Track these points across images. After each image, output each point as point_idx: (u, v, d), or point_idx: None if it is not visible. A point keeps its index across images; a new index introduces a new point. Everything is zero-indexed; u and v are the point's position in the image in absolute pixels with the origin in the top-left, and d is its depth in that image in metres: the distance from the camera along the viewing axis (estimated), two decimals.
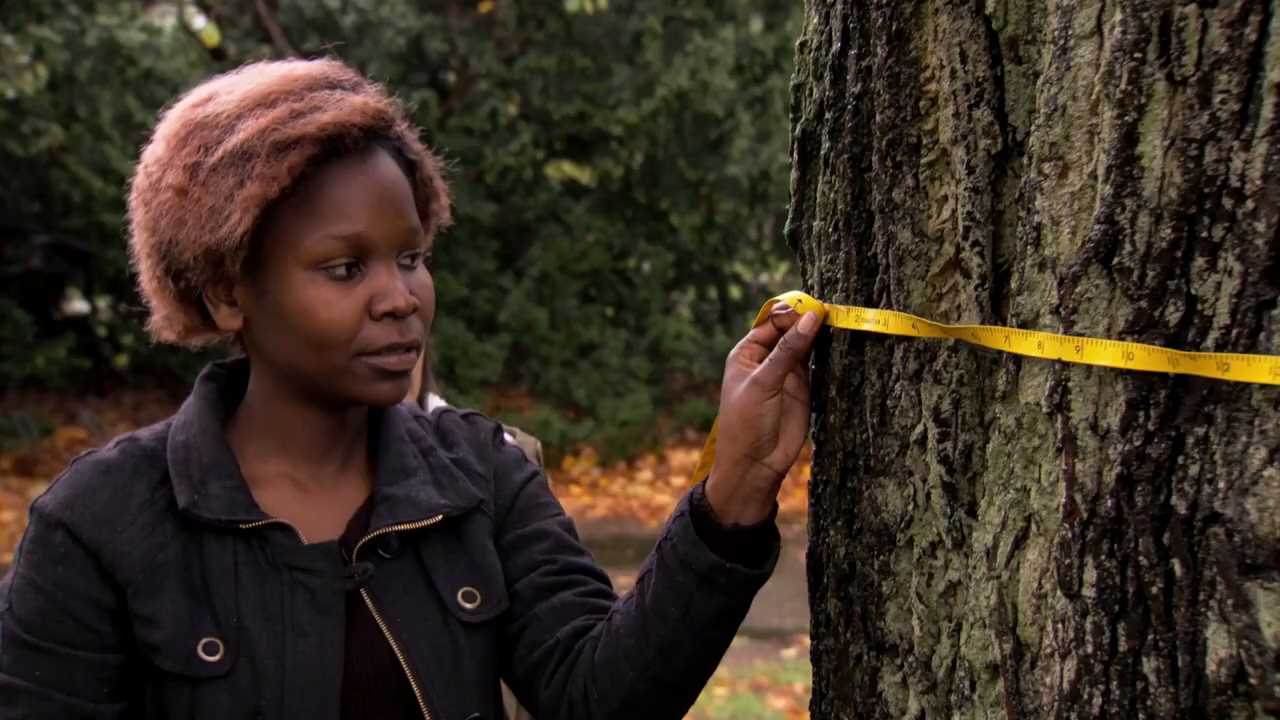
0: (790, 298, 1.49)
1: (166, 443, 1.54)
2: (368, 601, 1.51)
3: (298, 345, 1.48)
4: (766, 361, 1.46)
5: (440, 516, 1.56)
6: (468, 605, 1.56)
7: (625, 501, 11.94)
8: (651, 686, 1.51)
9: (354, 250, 1.46)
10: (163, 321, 1.55)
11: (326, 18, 12.74)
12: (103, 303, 15.63)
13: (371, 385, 1.49)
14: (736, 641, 1.49)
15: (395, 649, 1.50)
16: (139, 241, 1.53)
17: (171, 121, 1.50)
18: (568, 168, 15.08)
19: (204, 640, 1.44)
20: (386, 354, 1.47)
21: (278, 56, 1.56)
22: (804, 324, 1.46)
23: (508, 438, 2.91)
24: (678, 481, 12.43)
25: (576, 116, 12.68)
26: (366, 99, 1.49)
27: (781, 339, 1.47)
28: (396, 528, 1.53)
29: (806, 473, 1.56)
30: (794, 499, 11.53)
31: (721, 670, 7.51)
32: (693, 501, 1.49)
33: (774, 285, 15.95)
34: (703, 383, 14.17)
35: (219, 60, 12.88)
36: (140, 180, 1.51)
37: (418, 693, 1.49)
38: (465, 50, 13.08)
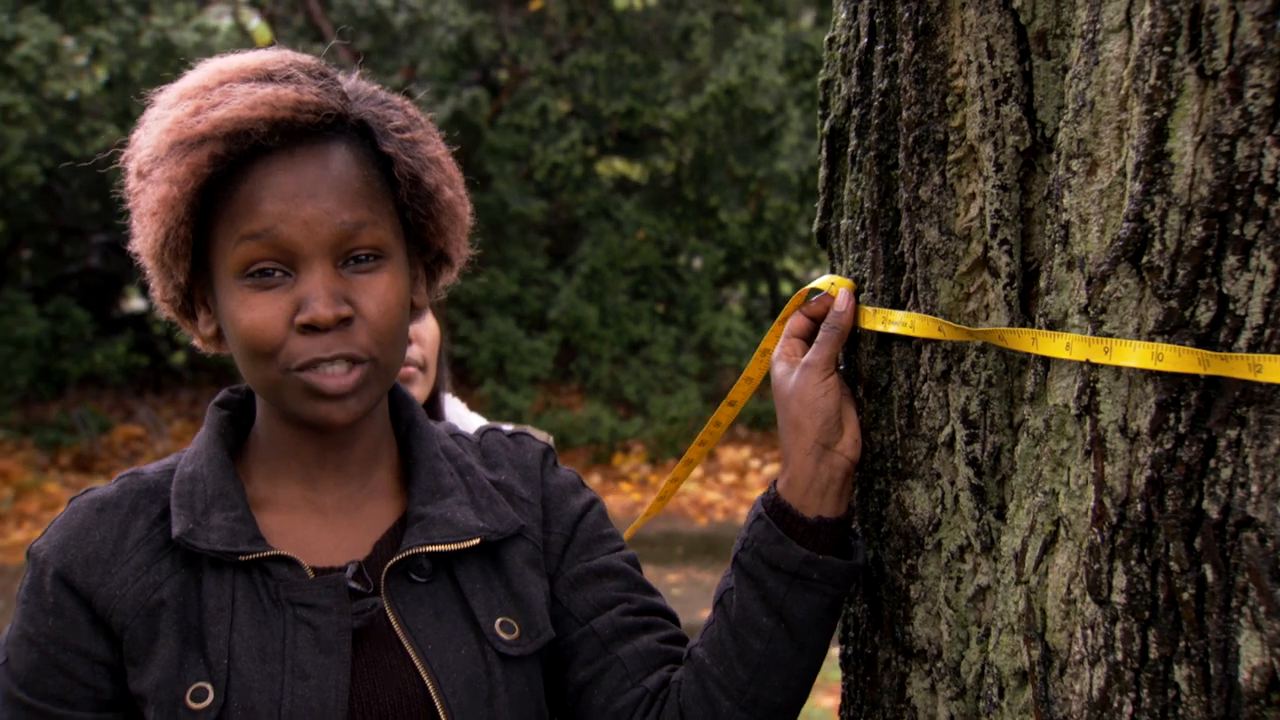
0: (824, 281, 1.47)
1: (173, 475, 1.45)
2: (396, 627, 1.41)
3: (239, 359, 1.40)
4: (815, 345, 1.43)
5: (477, 540, 1.45)
6: (506, 636, 1.44)
7: (675, 499, 11.91)
8: (753, 712, 1.42)
9: (273, 251, 1.35)
10: (188, 331, 1.50)
11: (378, 16, 12.79)
12: None
13: (309, 405, 1.37)
14: None
15: (425, 678, 1.39)
16: None
17: None
18: (619, 164, 15.08)
19: (193, 687, 1.34)
20: (315, 371, 1.36)
21: (330, 56, 1.50)
22: (841, 301, 1.44)
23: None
24: (727, 478, 12.40)
25: (626, 113, 12.67)
26: (280, 90, 1.34)
27: (825, 321, 1.44)
28: (429, 548, 1.43)
29: None
30: None
31: None
32: (766, 504, 1.43)
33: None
34: None
35: None
36: None
37: None
38: (516, 48, 13.09)
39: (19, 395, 13.54)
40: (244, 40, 12.88)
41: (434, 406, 2.72)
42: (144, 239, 1.41)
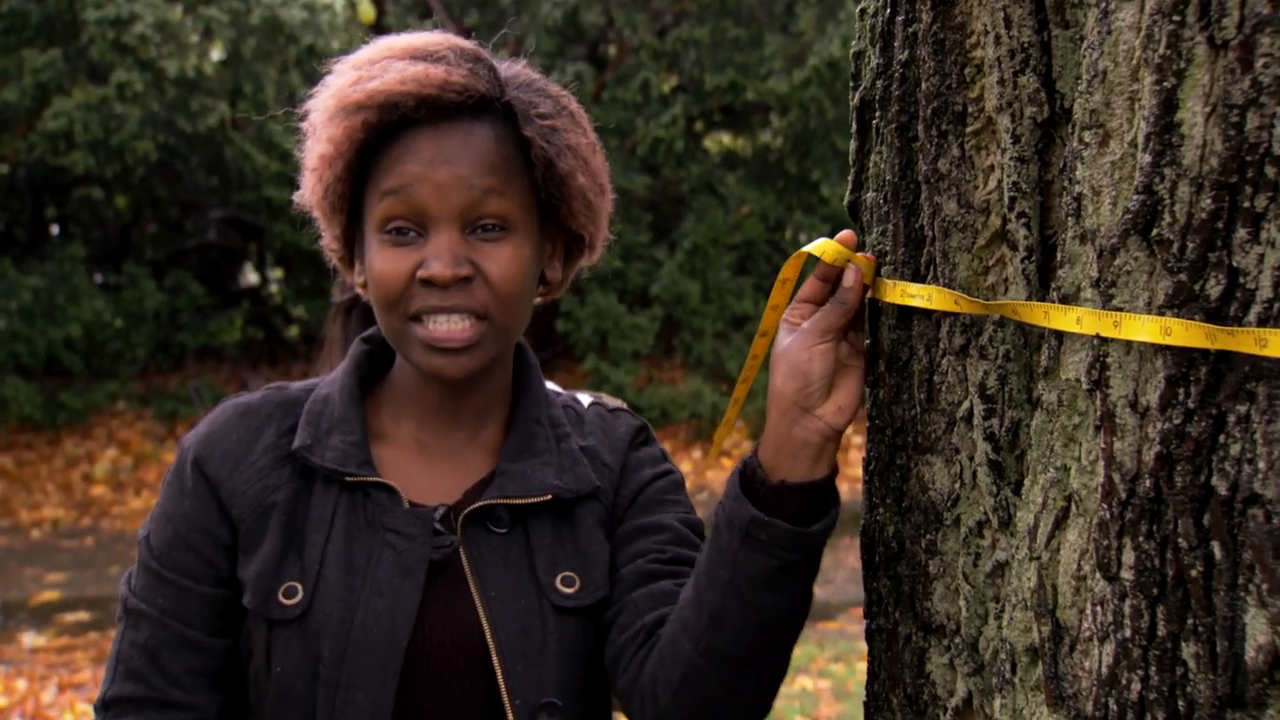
0: (816, 247, 1.44)
1: (311, 395, 1.63)
2: (467, 571, 1.53)
3: (374, 306, 1.56)
4: (819, 312, 1.43)
5: (549, 496, 1.57)
6: (565, 589, 1.55)
7: None
8: (708, 659, 1.45)
9: (407, 209, 1.49)
10: (349, 278, 1.66)
11: None
12: (275, 275, 16.15)
13: (425, 356, 1.52)
14: None
15: (484, 621, 1.51)
16: None
17: None
18: (726, 139, 15.03)
19: (286, 584, 1.51)
20: (429, 321, 1.50)
21: (438, 31, 1.60)
22: (849, 277, 1.43)
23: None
24: None
25: (728, 87, 12.61)
26: (430, 69, 1.49)
27: (835, 294, 1.43)
28: (505, 501, 1.56)
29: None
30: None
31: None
32: (745, 460, 1.46)
33: None
34: None
35: (381, 36, 13.14)
36: None
37: (497, 668, 1.50)
38: (621, 22, 13.11)
39: (139, 367, 13.95)
40: (353, 17, 13.08)
41: None
42: (308, 191, 1.59)
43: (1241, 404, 1.08)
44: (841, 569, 8.68)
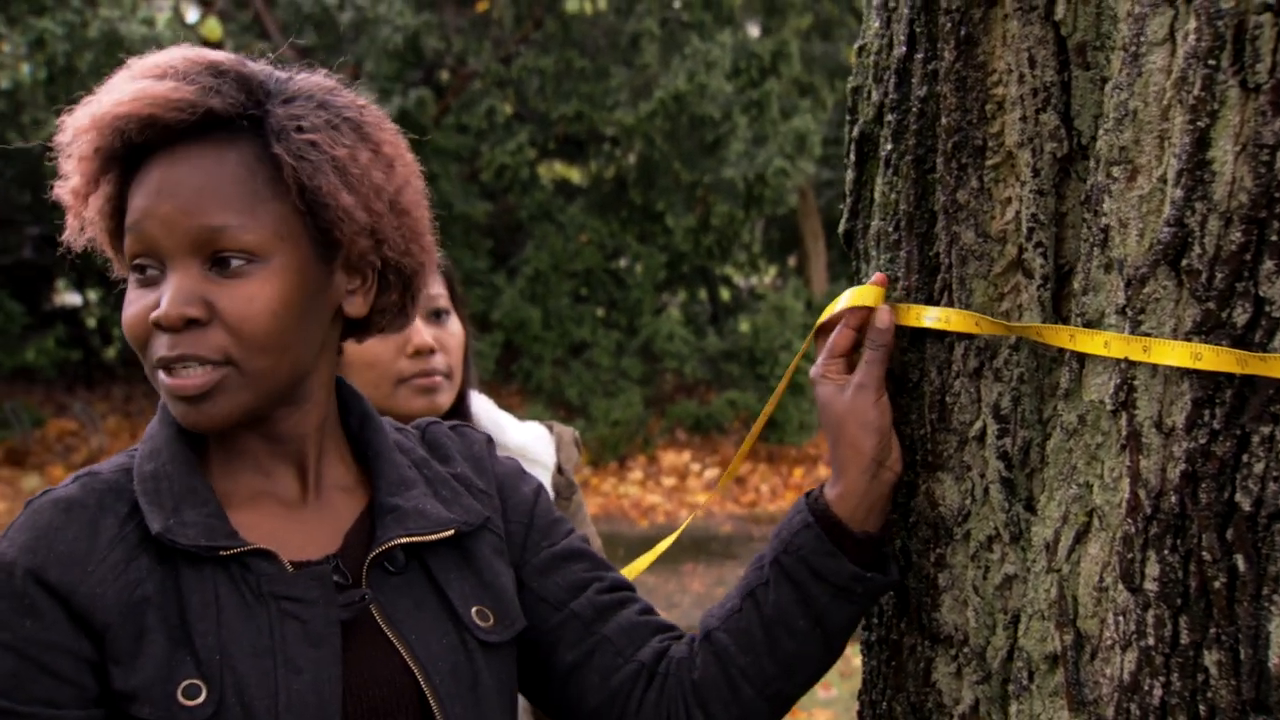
0: (856, 298, 1.50)
1: (131, 474, 1.39)
2: (379, 620, 1.40)
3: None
4: (862, 365, 1.49)
5: (452, 531, 1.45)
6: (482, 624, 1.45)
7: (616, 501, 11.96)
8: (771, 702, 1.50)
9: (143, 246, 1.34)
10: None
11: (324, 14, 12.73)
12: (93, 295, 15.60)
13: (174, 405, 1.36)
14: None
15: (413, 668, 1.39)
16: None
17: None
18: (560, 167, 15.09)
19: (184, 683, 1.29)
20: (166, 370, 1.34)
21: (274, 52, 1.50)
22: (882, 319, 1.48)
23: (539, 430, 2.85)
24: (668, 481, 12.46)
25: (573, 117, 12.68)
26: (153, 88, 1.32)
27: (867, 339, 1.49)
28: (406, 540, 1.42)
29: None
30: (784, 501, 11.56)
31: None
32: (816, 514, 1.48)
33: (763, 288, 15.99)
34: (693, 384, 14.20)
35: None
36: None
37: (437, 714, 1.38)
38: (461, 49, 13.08)
39: None
40: (187, 33, 12.75)
41: (461, 407, 2.71)
42: (70, 231, 1.43)
43: (1265, 425, 1.16)
44: (687, 594, 8.77)
